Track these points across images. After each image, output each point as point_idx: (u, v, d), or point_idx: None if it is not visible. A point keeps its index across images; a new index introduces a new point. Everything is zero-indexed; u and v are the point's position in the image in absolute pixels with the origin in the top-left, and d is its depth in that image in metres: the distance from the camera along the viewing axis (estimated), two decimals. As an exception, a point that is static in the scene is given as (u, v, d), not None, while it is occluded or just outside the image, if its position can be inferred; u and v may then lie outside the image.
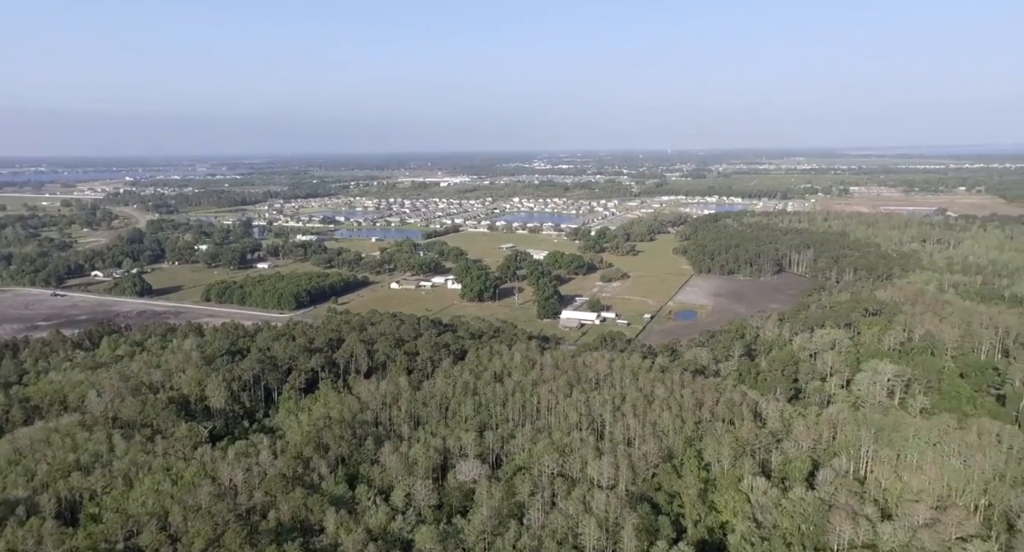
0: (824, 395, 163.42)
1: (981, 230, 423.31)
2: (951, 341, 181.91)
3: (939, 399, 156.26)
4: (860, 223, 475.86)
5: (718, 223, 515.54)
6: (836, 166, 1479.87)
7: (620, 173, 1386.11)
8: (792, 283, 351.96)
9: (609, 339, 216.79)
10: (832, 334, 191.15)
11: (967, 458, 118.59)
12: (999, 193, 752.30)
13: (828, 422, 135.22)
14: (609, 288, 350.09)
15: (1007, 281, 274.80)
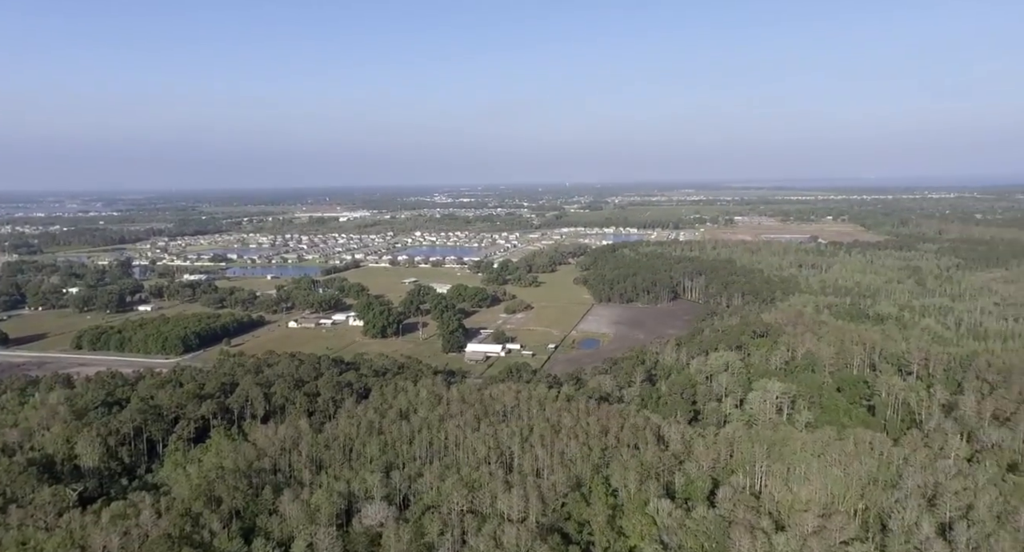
0: (720, 415, 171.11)
1: (847, 256, 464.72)
2: (828, 358, 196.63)
3: (821, 413, 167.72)
4: (745, 250, 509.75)
5: (616, 253, 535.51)
6: (721, 198, 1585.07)
7: (521, 206, 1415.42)
8: (687, 309, 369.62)
9: (515, 371, 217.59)
10: (725, 356, 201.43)
11: (846, 466, 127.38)
12: (859, 222, 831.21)
13: (725, 441, 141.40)
14: (513, 319, 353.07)
15: (870, 301, 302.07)
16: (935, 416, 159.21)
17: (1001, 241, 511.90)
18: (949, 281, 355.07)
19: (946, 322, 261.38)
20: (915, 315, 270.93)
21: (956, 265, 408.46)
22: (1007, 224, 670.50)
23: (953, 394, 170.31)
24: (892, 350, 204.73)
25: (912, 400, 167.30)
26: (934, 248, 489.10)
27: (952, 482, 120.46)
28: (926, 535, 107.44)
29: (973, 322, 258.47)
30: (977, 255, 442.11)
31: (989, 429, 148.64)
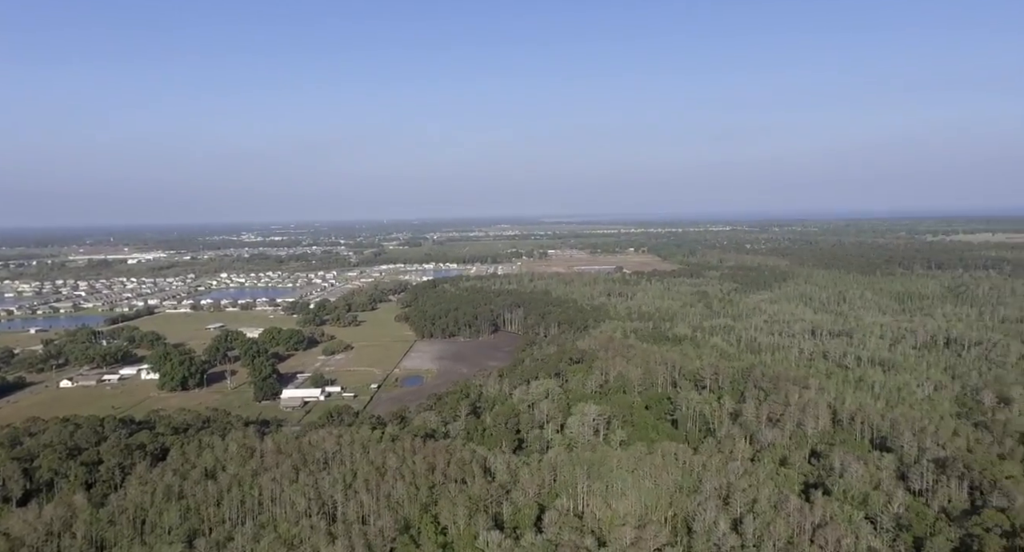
0: (543, 441, 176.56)
1: (648, 284, 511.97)
2: (637, 379, 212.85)
3: (633, 430, 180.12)
4: (559, 282, 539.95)
5: (437, 289, 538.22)
6: (536, 232, 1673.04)
7: (337, 243, 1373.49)
8: (508, 340, 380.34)
9: (336, 414, 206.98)
10: (545, 384, 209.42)
11: (656, 478, 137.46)
12: (657, 253, 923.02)
13: (549, 466, 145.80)
14: (333, 361, 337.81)
15: (669, 324, 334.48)
16: (725, 424, 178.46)
17: (765, 267, 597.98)
18: (730, 303, 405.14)
19: (730, 340, 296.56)
20: (706, 335, 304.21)
21: (735, 289, 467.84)
22: (769, 253, 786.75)
23: (738, 403, 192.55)
24: (689, 367, 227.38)
25: (707, 411, 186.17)
26: (717, 275, 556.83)
27: (740, 481, 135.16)
28: (723, 531, 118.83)
29: (749, 338, 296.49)
30: (749, 280, 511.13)
31: (765, 430, 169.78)
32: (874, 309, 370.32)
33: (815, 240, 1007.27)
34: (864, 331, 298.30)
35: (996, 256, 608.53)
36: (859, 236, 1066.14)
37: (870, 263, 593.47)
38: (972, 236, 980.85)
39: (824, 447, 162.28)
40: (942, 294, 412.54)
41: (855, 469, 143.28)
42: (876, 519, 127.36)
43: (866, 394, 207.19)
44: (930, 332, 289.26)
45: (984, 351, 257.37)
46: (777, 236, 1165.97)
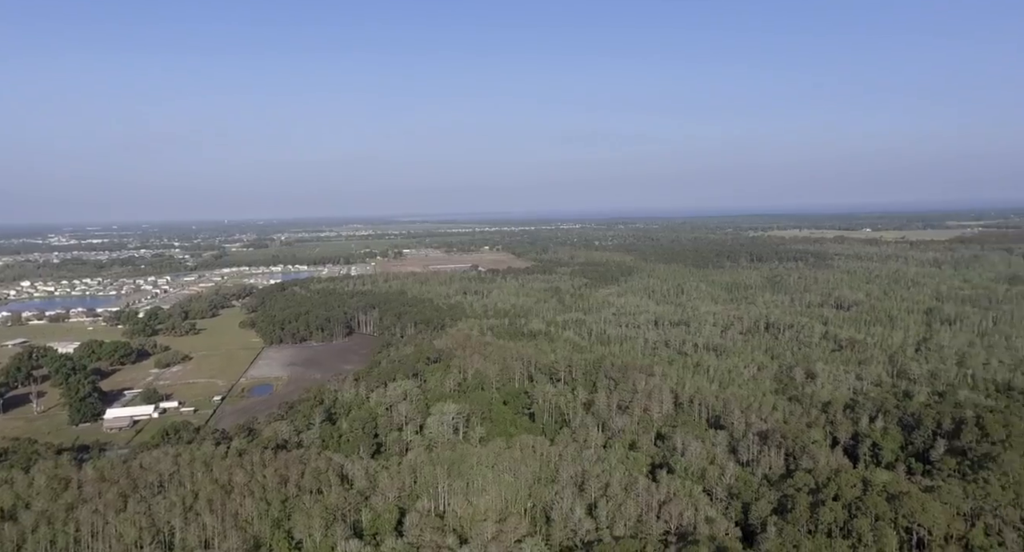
0: (403, 443, 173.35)
1: (503, 281, 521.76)
2: (494, 375, 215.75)
3: (492, 426, 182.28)
4: (415, 281, 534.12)
5: (286, 292, 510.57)
6: (390, 232, 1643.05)
7: (171, 246, 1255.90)
8: (364, 343, 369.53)
9: (173, 432, 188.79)
10: (403, 385, 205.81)
11: (516, 471, 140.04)
12: (511, 251, 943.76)
13: (409, 468, 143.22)
14: (168, 374, 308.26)
15: (524, 320, 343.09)
16: (579, 414, 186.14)
17: (612, 263, 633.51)
18: (581, 298, 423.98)
19: (582, 333, 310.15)
20: (559, 329, 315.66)
21: (585, 284, 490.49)
22: (615, 249, 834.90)
23: (591, 393, 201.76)
24: (544, 361, 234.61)
25: (562, 403, 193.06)
26: (568, 271, 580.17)
27: (594, 467, 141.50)
28: (579, 517, 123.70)
29: (600, 331, 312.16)
30: (598, 275, 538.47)
31: (616, 417, 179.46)
32: (708, 299, 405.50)
33: (656, 237, 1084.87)
34: (700, 320, 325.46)
35: (802, 249, 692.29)
36: (694, 233, 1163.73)
37: (704, 257, 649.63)
38: (784, 232, 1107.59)
39: (668, 429, 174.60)
40: (762, 284, 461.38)
41: (694, 447, 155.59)
42: (712, 491, 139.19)
43: (703, 378, 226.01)
44: (753, 318, 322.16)
45: (795, 333, 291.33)
46: (623, 233, 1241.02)
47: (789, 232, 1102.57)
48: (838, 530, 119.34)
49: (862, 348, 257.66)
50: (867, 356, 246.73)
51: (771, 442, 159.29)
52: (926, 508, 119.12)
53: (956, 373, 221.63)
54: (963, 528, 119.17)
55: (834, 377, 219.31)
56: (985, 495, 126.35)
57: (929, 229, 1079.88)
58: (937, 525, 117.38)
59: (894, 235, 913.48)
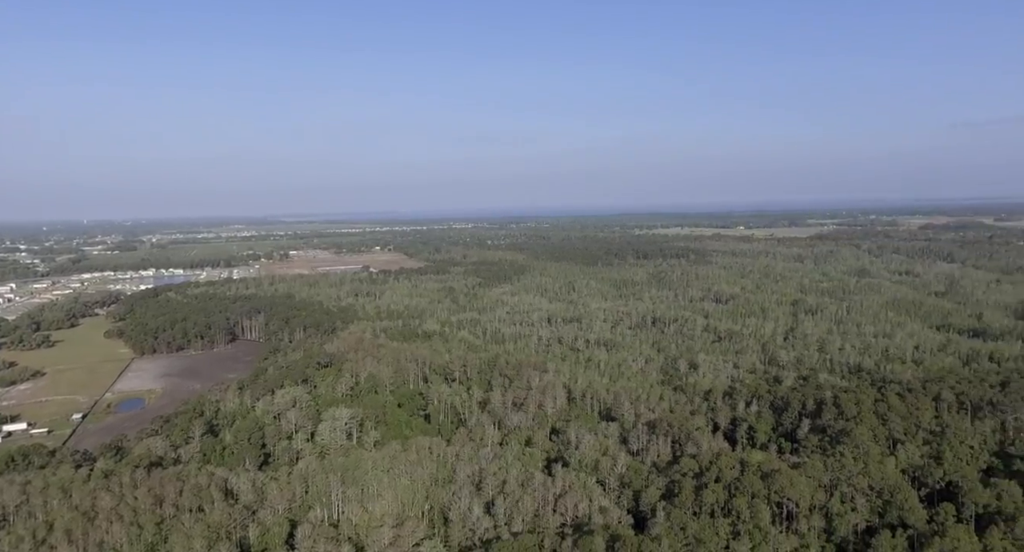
0: (293, 452, 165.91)
1: (396, 282, 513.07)
2: (388, 378, 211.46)
3: (387, 430, 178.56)
4: (303, 284, 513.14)
5: (159, 298, 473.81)
6: (275, 233, 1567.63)
7: (17, 249, 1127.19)
8: (249, 349, 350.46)
9: (21, 457, 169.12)
10: (292, 392, 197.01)
11: (412, 474, 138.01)
12: (403, 251, 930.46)
13: (300, 478, 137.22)
14: (14, 393, 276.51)
15: (418, 321, 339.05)
16: (475, 413, 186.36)
17: (505, 262, 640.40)
18: (475, 297, 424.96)
19: (476, 332, 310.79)
20: (453, 329, 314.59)
21: (479, 283, 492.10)
22: (507, 248, 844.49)
23: (486, 391, 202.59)
24: (439, 362, 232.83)
25: (457, 403, 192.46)
26: (462, 270, 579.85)
27: (491, 466, 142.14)
28: (477, 516, 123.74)
29: (494, 329, 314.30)
30: (491, 274, 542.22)
31: (512, 415, 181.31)
32: (598, 296, 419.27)
33: (548, 236, 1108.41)
34: (591, 316, 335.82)
35: (684, 247, 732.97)
36: (584, 231, 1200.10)
37: (593, 255, 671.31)
38: (667, 230, 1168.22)
39: (562, 424, 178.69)
40: (648, 280, 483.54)
41: (588, 440, 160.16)
42: (605, 481, 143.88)
43: (594, 372, 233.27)
44: (641, 314, 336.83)
45: (679, 326, 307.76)
46: (515, 233, 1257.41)
47: (672, 230, 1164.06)
48: (720, 510, 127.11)
49: (738, 339, 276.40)
50: (743, 346, 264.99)
51: (659, 431, 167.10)
52: (794, 483, 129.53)
53: (817, 358, 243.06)
54: (824, 498, 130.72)
55: (714, 367, 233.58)
56: (841, 467, 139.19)
57: (793, 227, 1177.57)
58: (803, 497, 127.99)
59: (764, 233, 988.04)
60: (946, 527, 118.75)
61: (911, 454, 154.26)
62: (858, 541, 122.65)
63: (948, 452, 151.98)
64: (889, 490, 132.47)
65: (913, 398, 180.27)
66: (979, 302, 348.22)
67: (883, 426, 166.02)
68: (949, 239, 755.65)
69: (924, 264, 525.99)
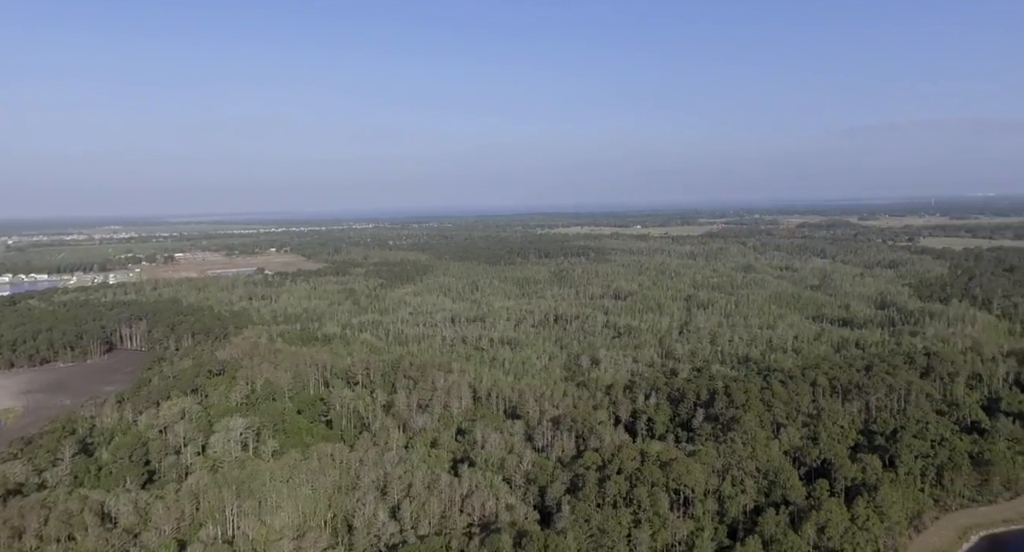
0: (181, 468, 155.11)
1: (294, 284, 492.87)
2: (287, 384, 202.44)
3: (286, 438, 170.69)
4: (191, 288, 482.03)
5: (18, 306, 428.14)
6: (158, 234, 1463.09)
7: None
8: (129, 360, 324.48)
9: None
10: (180, 403, 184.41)
11: (314, 483, 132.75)
12: (301, 252, 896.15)
13: (189, 495, 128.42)
14: None
15: (318, 324, 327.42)
16: (379, 416, 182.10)
17: (408, 262, 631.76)
18: (377, 299, 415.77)
19: (379, 334, 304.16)
20: (355, 331, 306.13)
21: (380, 284, 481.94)
22: (410, 248, 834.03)
23: (390, 394, 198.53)
24: (341, 365, 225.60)
25: (361, 407, 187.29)
26: (363, 271, 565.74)
27: (396, 469, 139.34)
28: (382, 521, 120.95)
29: (397, 331, 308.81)
30: (394, 275, 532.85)
31: (417, 417, 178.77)
32: (501, 295, 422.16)
33: (450, 235, 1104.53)
34: (494, 315, 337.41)
35: (584, 245, 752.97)
36: (487, 230, 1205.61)
37: (496, 254, 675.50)
38: (568, 229, 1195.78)
39: (468, 424, 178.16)
40: (550, 278, 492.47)
41: (494, 439, 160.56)
42: (512, 479, 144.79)
43: (499, 371, 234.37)
44: (544, 311, 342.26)
45: (581, 323, 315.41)
46: (417, 233, 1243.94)
47: (572, 229, 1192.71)
48: (622, 500, 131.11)
49: (637, 334, 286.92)
50: (641, 341, 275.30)
51: (563, 426, 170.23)
52: (690, 470, 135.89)
53: (710, 350, 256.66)
54: (717, 482, 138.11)
55: (615, 362, 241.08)
56: (732, 452, 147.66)
57: (686, 225, 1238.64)
58: (698, 483, 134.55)
59: (659, 231, 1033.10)
60: (821, 501, 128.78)
61: (792, 436, 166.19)
62: (747, 521, 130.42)
63: (823, 433, 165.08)
64: (774, 471, 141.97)
65: (794, 385, 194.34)
66: (847, 294, 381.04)
67: (768, 412, 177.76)
68: (822, 237, 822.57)
69: (801, 260, 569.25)
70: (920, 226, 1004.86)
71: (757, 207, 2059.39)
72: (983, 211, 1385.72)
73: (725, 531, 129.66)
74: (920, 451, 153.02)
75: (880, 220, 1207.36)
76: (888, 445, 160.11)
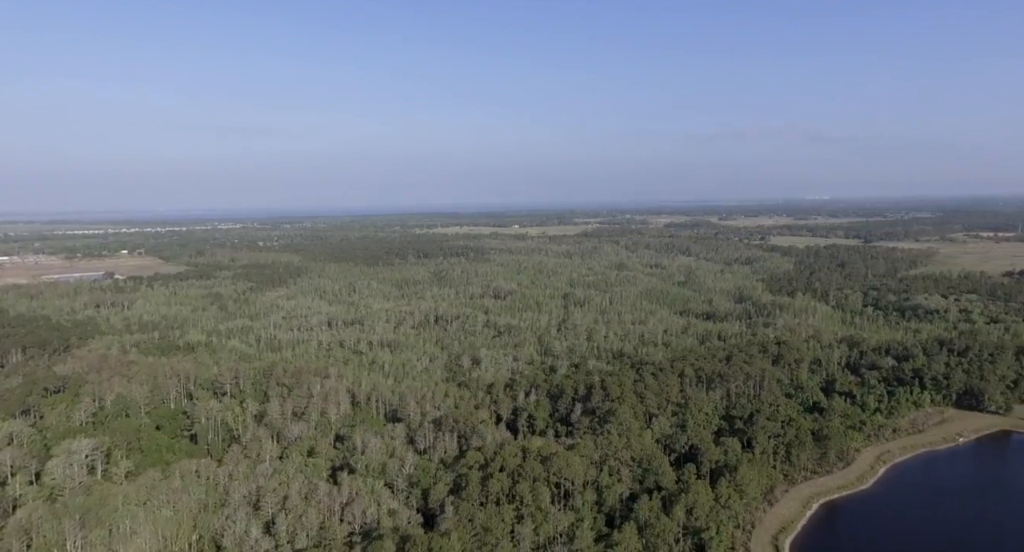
0: (8, 502, 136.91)
1: (150, 289, 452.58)
2: (143, 398, 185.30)
3: (142, 457, 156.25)
4: (22, 296, 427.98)
5: None
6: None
7: None
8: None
9: None
10: (7, 427, 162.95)
11: (175, 503, 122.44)
12: (158, 254, 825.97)
13: (19, 531, 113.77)
14: None
15: (180, 332, 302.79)
16: (251, 427, 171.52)
17: (280, 264, 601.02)
18: (246, 303, 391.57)
19: (249, 340, 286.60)
20: (222, 339, 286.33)
21: (250, 288, 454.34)
22: (282, 249, 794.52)
23: (262, 403, 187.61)
24: (206, 375, 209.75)
25: (229, 418, 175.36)
26: (230, 274, 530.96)
27: (270, 482, 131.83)
28: (255, 537, 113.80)
29: (269, 336, 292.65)
30: (264, 277, 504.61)
31: (292, 425, 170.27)
32: (380, 296, 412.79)
33: (325, 236, 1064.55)
34: (373, 317, 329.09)
35: (464, 245, 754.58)
36: (363, 231, 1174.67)
37: (374, 255, 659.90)
38: (447, 229, 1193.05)
39: (347, 429, 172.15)
40: (430, 279, 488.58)
41: (374, 444, 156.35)
42: (394, 483, 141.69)
43: (379, 374, 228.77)
44: (424, 312, 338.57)
45: (461, 323, 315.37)
46: (290, 233, 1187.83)
47: (451, 229, 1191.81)
48: (505, 497, 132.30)
49: (517, 332, 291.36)
50: (521, 339, 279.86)
51: (445, 427, 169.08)
52: (569, 463, 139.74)
53: (587, 346, 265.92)
54: (595, 474, 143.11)
55: (496, 361, 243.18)
56: (608, 444, 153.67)
57: (563, 225, 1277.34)
58: (577, 476, 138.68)
59: (537, 231, 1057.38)
60: (689, 484, 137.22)
61: (663, 425, 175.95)
62: (623, 508, 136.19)
63: (690, 420, 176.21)
64: (647, 459, 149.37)
65: (664, 376, 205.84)
66: (710, 289, 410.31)
67: (641, 403, 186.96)
68: (686, 236, 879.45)
69: (669, 258, 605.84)
70: (770, 226, 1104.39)
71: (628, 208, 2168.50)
72: (820, 212, 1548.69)
73: (604, 520, 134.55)
74: (772, 432, 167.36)
75: (737, 220, 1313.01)
76: (746, 428, 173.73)
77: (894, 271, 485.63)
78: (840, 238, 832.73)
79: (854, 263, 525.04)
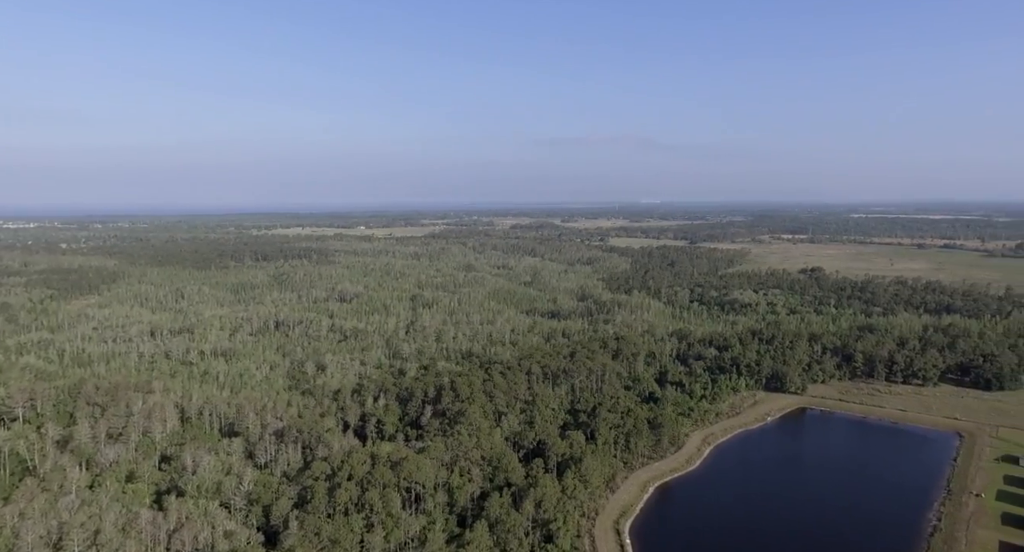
0: None
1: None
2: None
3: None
4: None
5: None
6: None
7: None
8: None
9: None
10: None
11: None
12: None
13: None
14: None
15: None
16: (51, 456, 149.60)
17: (90, 268, 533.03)
18: (46, 313, 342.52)
19: (49, 355, 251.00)
20: (12, 355, 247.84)
21: (50, 296, 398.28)
22: (92, 252, 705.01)
23: (67, 427, 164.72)
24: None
25: (22, 447, 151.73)
26: (23, 281, 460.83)
27: (77, 516, 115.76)
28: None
29: (76, 350, 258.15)
30: (70, 284, 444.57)
31: (106, 449, 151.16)
32: (212, 302, 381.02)
33: (146, 237, 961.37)
34: (205, 325, 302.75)
35: (307, 247, 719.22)
36: (192, 232, 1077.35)
37: (205, 258, 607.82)
38: (288, 230, 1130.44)
39: (175, 449, 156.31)
40: (269, 282, 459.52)
41: (207, 461, 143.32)
42: (230, 502, 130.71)
43: (212, 386, 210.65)
44: (263, 318, 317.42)
45: (304, 328, 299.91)
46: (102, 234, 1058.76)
47: (292, 230, 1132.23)
48: (354, 506, 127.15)
49: (364, 336, 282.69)
50: (368, 343, 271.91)
51: (288, 438, 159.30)
52: (420, 467, 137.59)
53: (436, 348, 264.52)
54: (446, 475, 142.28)
55: (342, 366, 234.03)
56: (459, 445, 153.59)
57: (410, 226, 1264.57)
58: (428, 479, 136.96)
59: (384, 232, 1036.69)
60: (537, 479, 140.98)
61: (512, 422, 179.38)
62: (475, 507, 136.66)
63: (538, 416, 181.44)
64: (497, 457, 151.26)
65: (512, 375, 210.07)
66: (555, 288, 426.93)
67: (491, 402, 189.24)
68: (531, 237, 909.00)
69: (515, 258, 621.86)
70: (608, 228, 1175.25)
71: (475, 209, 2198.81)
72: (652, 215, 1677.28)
73: (456, 520, 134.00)
74: (613, 422, 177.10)
75: (578, 222, 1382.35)
76: (589, 421, 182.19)
77: (715, 269, 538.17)
78: (670, 239, 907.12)
79: (682, 262, 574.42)
